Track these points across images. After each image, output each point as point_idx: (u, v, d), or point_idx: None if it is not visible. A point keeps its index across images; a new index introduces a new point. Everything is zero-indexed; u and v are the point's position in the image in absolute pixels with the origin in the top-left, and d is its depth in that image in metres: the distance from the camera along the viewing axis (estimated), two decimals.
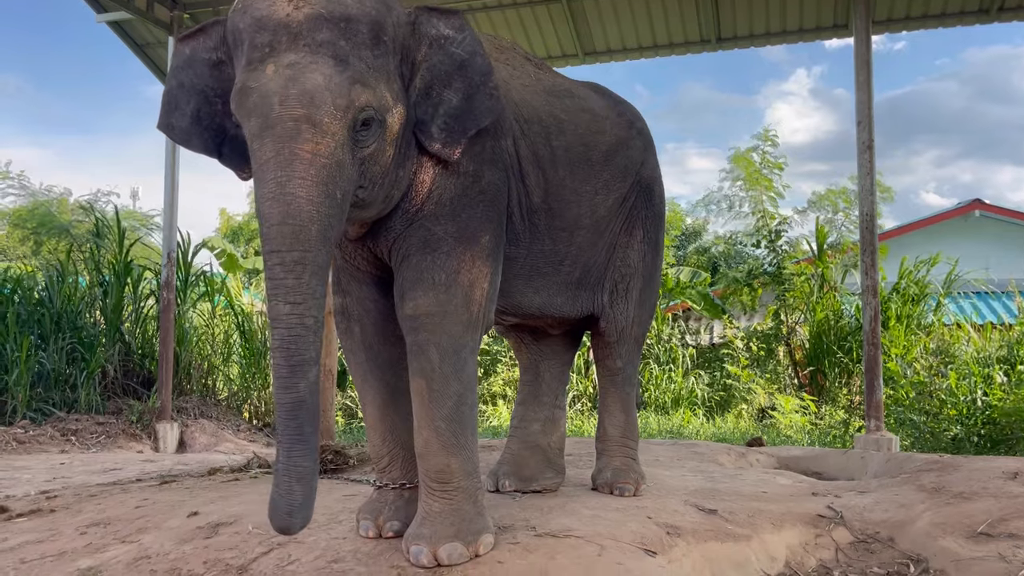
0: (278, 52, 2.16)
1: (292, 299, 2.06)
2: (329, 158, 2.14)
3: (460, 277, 2.51)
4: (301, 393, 2.06)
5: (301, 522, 2.08)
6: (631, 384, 3.47)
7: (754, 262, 11.67)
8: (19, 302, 8.14)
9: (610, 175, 3.21)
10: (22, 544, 2.84)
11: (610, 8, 7.90)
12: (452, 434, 2.47)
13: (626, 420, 3.44)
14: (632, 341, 3.44)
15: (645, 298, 3.46)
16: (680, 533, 2.76)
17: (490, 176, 2.63)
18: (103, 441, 7.17)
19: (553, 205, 2.94)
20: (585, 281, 3.23)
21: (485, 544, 2.45)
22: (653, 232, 3.44)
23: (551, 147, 2.93)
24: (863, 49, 6.39)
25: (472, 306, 2.54)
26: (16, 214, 15.59)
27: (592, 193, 3.11)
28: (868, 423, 6.12)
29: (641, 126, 3.48)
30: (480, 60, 2.52)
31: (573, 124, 3.06)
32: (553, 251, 3.01)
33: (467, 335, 2.53)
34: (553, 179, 2.93)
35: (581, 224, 3.08)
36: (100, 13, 8.16)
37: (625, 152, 3.30)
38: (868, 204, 6.29)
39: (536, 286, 3.02)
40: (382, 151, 2.32)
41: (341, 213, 2.21)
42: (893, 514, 3.09)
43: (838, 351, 9.66)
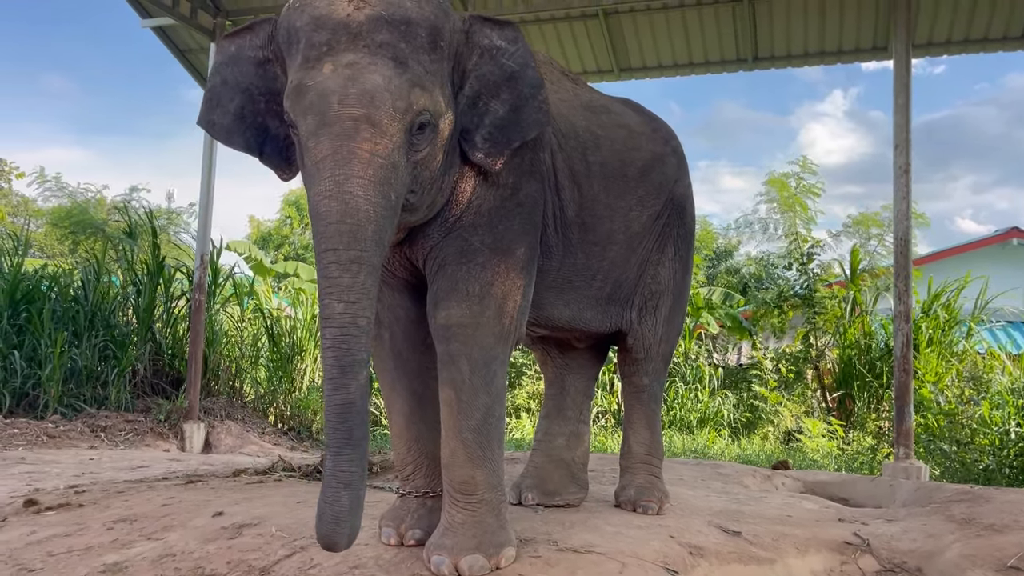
0: (337, 51, 2.15)
1: (347, 298, 2.04)
2: (387, 159, 2.13)
3: (494, 289, 2.51)
4: (352, 395, 2.02)
5: (348, 533, 2.01)
6: (657, 401, 3.44)
7: (785, 284, 11.57)
8: (55, 299, 8.29)
9: (645, 191, 3.20)
10: (50, 537, 2.89)
11: (647, 25, 7.92)
12: (479, 446, 2.47)
13: (651, 437, 3.41)
14: (659, 359, 3.43)
15: (674, 316, 3.45)
16: (703, 554, 2.73)
17: (528, 188, 2.64)
18: (131, 438, 7.25)
19: (587, 219, 2.94)
20: (615, 296, 3.22)
21: (507, 557, 2.45)
22: (684, 250, 3.43)
23: (587, 162, 2.94)
24: (903, 72, 6.33)
25: (504, 318, 2.54)
26: (54, 214, 15.88)
27: (627, 209, 3.11)
28: (897, 450, 6.03)
29: (676, 144, 3.49)
30: (531, 73, 2.52)
31: (609, 140, 3.07)
32: (586, 265, 3.00)
33: (498, 347, 2.53)
34: (588, 194, 2.93)
35: (615, 239, 3.08)
36: (145, 18, 8.33)
37: (660, 169, 3.29)
38: (903, 229, 6.22)
39: (567, 299, 3.01)
40: (433, 156, 2.32)
41: (394, 215, 2.21)
42: (921, 544, 3.03)
43: (868, 375, 9.53)
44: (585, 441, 3.58)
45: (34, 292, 8.22)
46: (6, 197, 21.75)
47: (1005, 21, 7.06)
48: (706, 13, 7.67)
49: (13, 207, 21.48)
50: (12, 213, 21.14)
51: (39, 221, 19.20)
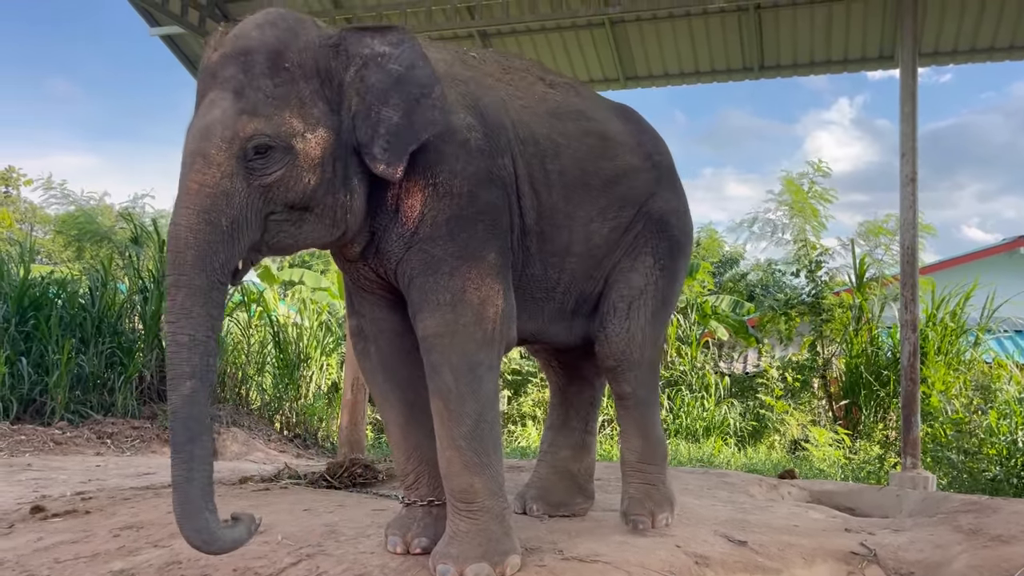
0: (204, 94, 2.38)
1: (170, 318, 2.23)
2: (214, 188, 2.26)
3: (467, 296, 2.52)
4: (175, 404, 2.20)
5: (198, 529, 2.19)
6: (646, 406, 3.24)
7: (792, 291, 11.55)
8: (62, 306, 8.31)
9: (607, 203, 3.08)
10: (57, 544, 2.89)
11: (653, 34, 7.93)
12: (474, 452, 2.48)
13: (643, 444, 3.23)
14: (641, 366, 3.17)
15: (654, 322, 3.21)
16: (709, 563, 2.73)
17: (487, 196, 2.63)
18: (137, 445, 7.26)
19: (545, 229, 2.88)
20: (580, 311, 3.14)
21: (512, 565, 2.46)
22: (666, 260, 3.24)
23: (545, 170, 2.88)
24: (909, 81, 6.32)
25: (485, 323, 2.54)
26: (60, 220, 15.97)
27: (587, 220, 3.01)
28: (904, 460, 6.00)
29: (660, 159, 3.34)
30: (420, 72, 2.50)
31: (572, 148, 2.99)
32: (545, 276, 2.94)
33: (481, 352, 2.53)
34: (547, 202, 2.87)
35: (573, 251, 2.98)
36: (153, 27, 8.37)
37: (629, 182, 3.16)
38: (910, 237, 6.21)
39: (530, 312, 2.93)
40: (295, 177, 2.35)
41: (231, 240, 2.29)
42: (928, 554, 3.02)
43: (875, 384, 9.50)
44: (591, 452, 3.54)
45: (41, 299, 8.25)
46: (13, 203, 21.87)
47: (1012, 30, 7.05)
48: (712, 22, 7.68)
49: (20, 213, 21.60)
50: (19, 219, 21.26)
51: (46, 227, 19.29)
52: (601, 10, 7.39)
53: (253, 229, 2.35)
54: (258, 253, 2.48)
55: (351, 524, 3.08)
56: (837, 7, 7.25)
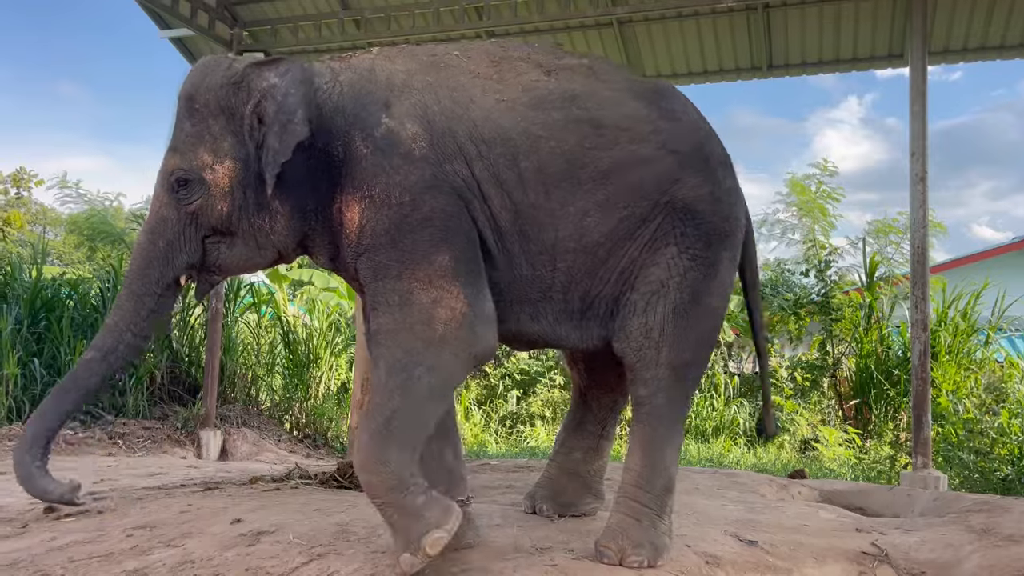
0: None
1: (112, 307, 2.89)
2: (156, 215, 2.79)
3: (415, 296, 2.56)
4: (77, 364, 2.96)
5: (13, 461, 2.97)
6: (660, 420, 2.84)
7: (802, 291, 11.51)
8: (74, 307, 8.37)
9: (610, 195, 2.83)
10: (71, 544, 2.92)
11: (661, 34, 7.93)
12: (373, 449, 2.46)
13: (642, 463, 2.82)
14: (663, 367, 2.83)
15: (684, 319, 2.84)
16: (719, 563, 2.73)
17: (432, 203, 2.62)
18: (148, 446, 7.30)
19: (526, 228, 2.77)
20: (593, 312, 2.91)
21: (431, 543, 2.37)
22: (698, 248, 2.89)
23: (518, 168, 2.75)
24: (919, 80, 6.30)
25: (435, 324, 2.53)
26: (72, 221, 16.04)
27: (579, 215, 2.79)
28: (915, 460, 5.98)
29: (680, 144, 2.96)
30: (290, 99, 2.66)
31: (554, 140, 2.80)
32: (535, 277, 2.81)
33: (428, 353, 2.52)
34: (523, 202, 2.75)
35: (564, 248, 2.80)
36: (164, 29, 8.42)
37: (638, 172, 2.86)
38: (920, 236, 6.18)
39: (531, 313, 2.86)
40: (212, 205, 2.73)
41: (165, 258, 2.78)
42: (940, 554, 3.02)
43: (885, 384, 9.46)
44: (604, 455, 3.48)
45: (54, 300, 8.31)
46: (25, 205, 22.00)
47: (1023, 28, 7.02)
48: (720, 22, 7.67)
49: (32, 215, 21.72)
50: (31, 221, 21.38)
51: (57, 229, 19.40)
52: (609, 10, 7.40)
53: (189, 251, 2.78)
54: (210, 273, 2.89)
55: (362, 524, 3.09)
56: (846, 5, 7.23)
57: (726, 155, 3.11)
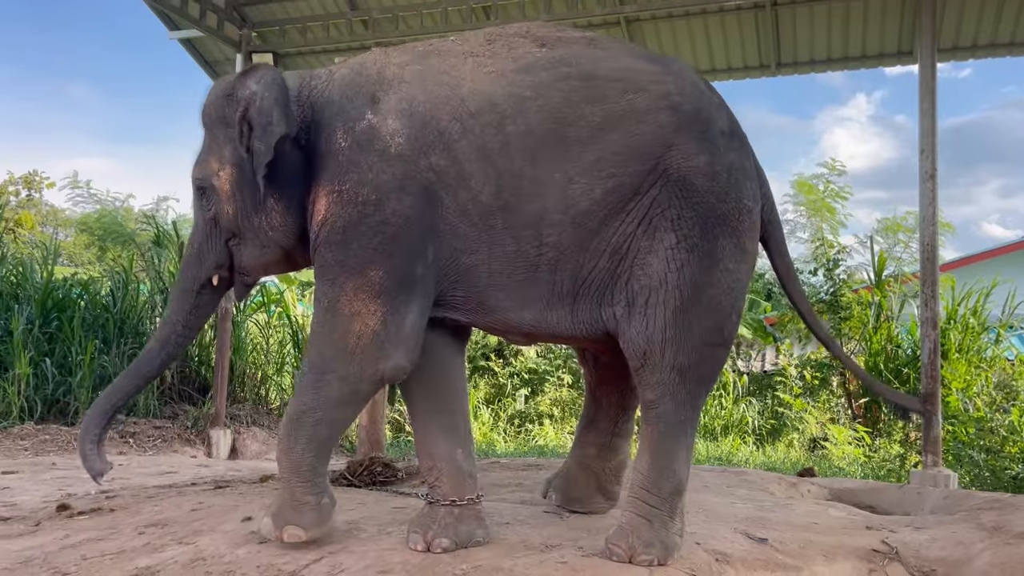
0: None
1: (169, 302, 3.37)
2: (194, 220, 3.09)
3: (340, 306, 2.66)
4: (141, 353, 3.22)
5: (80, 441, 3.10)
6: (668, 423, 2.71)
7: (810, 290, 11.48)
8: (85, 307, 8.41)
9: (598, 157, 2.65)
10: (83, 541, 2.94)
11: (669, 32, 7.93)
12: (286, 436, 2.74)
13: (650, 466, 2.72)
14: (669, 370, 2.68)
15: (687, 317, 2.67)
16: (729, 561, 2.73)
17: (397, 205, 2.64)
18: (159, 444, 7.34)
19: (510, 200, 2.65)
20: (583, 292, 2.74)
21: (289, 534, 2.66)
22: (697, 237, 2.67)
23: (504, 134, 2.65)
24: (928, 77, 6.27)
25: (349, 337, 2.63)
26: (82, 221, 16.11)
27: (565, 182, 2.64)
28: (925, 458, 5.96)
29: (681, 100, 2.72)
30: (265, 103, 2.74)
31: (542, 99, 2.67)
32: (520, 253, 2.68)
33: (339, 362, 2.65)
34: (507, 170, 2.64)
35: (550, 220, 2.65)
36: (173, 30, 8.47)
37: (631, 127, 2.66)
38: (930, 234, 6.16)
39: (520, 299, 2.74)
40: (222, 209, 2.92)
41: (198, 260, 3.02)
42: (950, 552, 3.01)
43: (894, 382, 9.43)
44: (620, 453, 3.37)
45: (65, 300, 8.36)
46: (35, 206, 22.09)
47: None
48: (728, 19, 7.66)
49: (42, 216, 21.81)
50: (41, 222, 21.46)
51: (67, 230, 19.48)
52: (616, 9, 7.40)
53: (216, 253, 2.99)
54: (240, 275, 3.06)
55: (372, 522, 3.10)
56: (854, 3, 7.21)
57: (734, 127, 2.87)
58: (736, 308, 2.80)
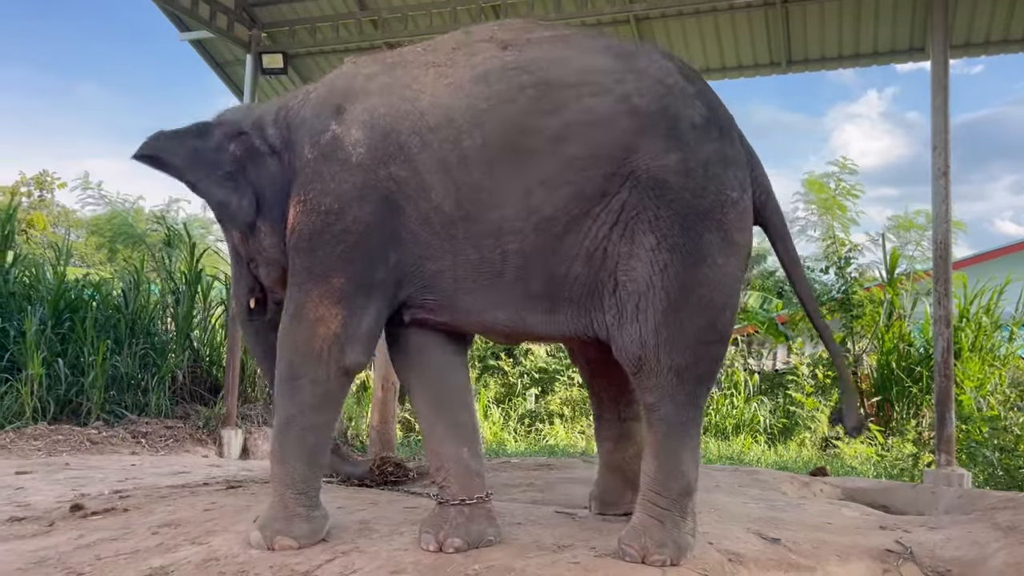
0: None
1: None
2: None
3: (305, 311, 2.77)
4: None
5: None
6: (671, 426, 2.67)
7: (822, 288, 11.42)
8: (97, 307, 8.45)
9: (557, 165, 2.62)
10: (97, 541, 2.95)
11: (679, 30, 7.91)
12: (277, 445, 2.83)
13: (656, 468, 2.68)
14: (666, 372, 2.63)
15: (677, 318, 2.61)
16: (742, 561, 2.72)
17: (358, 213, 2.73)
18: (171, 444, 7.37)
19: (470, 210, 2.66)
20: (561, 297, 2.71)
21: (281, 544, 2.70)
22: (678, 236, 2.61)
23: (461, 148, 2.66)
24: (940, 73, 6.23)
25: (315, 342, 2.75)
26: (93, 222, 16.18)
27: (524, 191, 2.63)
28: (939, 457, 5.93)
29: (641, 101, 2.65)
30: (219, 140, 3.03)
31: (499, 111, 2.66)
32: (482, 260, 2.69)
33: (306, 367, 2.77)
34: (465, 182, 2.66)
35: (511, 228, 2.64)
36: (183, 32, 8.50)
37: (589, 134, 2.62)
38: (942, 232, 6.12)
39: (490, 301, 2.74)
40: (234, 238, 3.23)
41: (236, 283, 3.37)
42: (965, 552, 2.99)
43: (907, 381, 9.38)
44: (636, 438, 3.22)
45: (77, 301, 8.40)
46: (47, 207, 22.21)
47: None
48: (738, 17, 7.63)
49: (54, 217, 21.92)
50: (53, 223, 21.58)
51: (79, 231, 19.57)
52: (626, 7, 7.39)
53: (246, 277, 3.23)
54: (272, 293, 3.22)
55: (384, 521, 3.10)
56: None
57: (711, 116, 2.75)
58: (729, 303, 2.72)
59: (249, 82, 8.18)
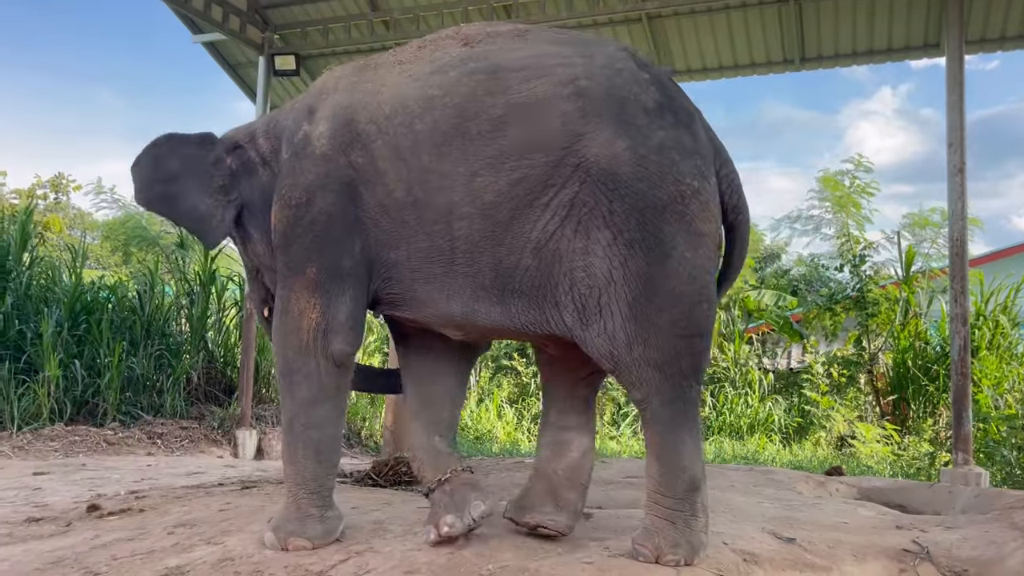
0: None
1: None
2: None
3: (290, 306, 2.86)
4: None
5: None
6: (662, 423, 2.61)
7: (837, 286, 11.35)
8: (112, 309, 8.51)
9: (500, 149, 2.59)
10: (114, 541, 2.97)
11: (691, 28, 7.88)
12: (287, 444, 2.88)
13: (658, 469, 2.63)
14: (643, 366, 2.57)
15: (647, 312, 2.54)
16: (757, 561, 2.71)
17: (322, 203, 2.82)
18: (186, 445, 7.41)
19: (419, 196, 2.68)
20: (511, 288, 2.66)
21: (295, 545, 2.73)
22: (635, 230, 2.52)
23: (414, 133, 2.69)
24: (955, 69, 6.19)
25: (301, 334, 2.83)
26: (108, 226, 16.29)
27: (468, 175, 2.61)
28: (955, 456, 5.88)
29: (588, 84, 2.59)
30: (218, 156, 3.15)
31: (448, 96, 2.68)
32: (434, 247, 2.69)
33: (298, 360, 2.84)
34: (416, 167, 2.68)
35: (459, 213, 2.63)
36: (196, 34, 8.55)
37: (532, 117, 2.58)
38: (959, 229, 6.07)
39: (446, 291, 2.72)
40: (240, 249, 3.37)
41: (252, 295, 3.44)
42: (983, 552, 2.96)
43: (923, 379, 9.31)
44: (573, 450, 2.98)
45: (93, 303, 8.46)
46: (63, 210, 22.39)
47: None
48: (751, 14, 7.60)
49: (70, 219, 22.10)
50: (69, 225, 21.76)
51: (95, 233, 19.71)
52: (638, 5, 7.37)
53: (257, 286, 3.31)
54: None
55: (398, 521, 3.11)
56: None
57: (667, 102, 2.65)
58: (704, 295, 2.61)
59: (261, 84, 8.22)
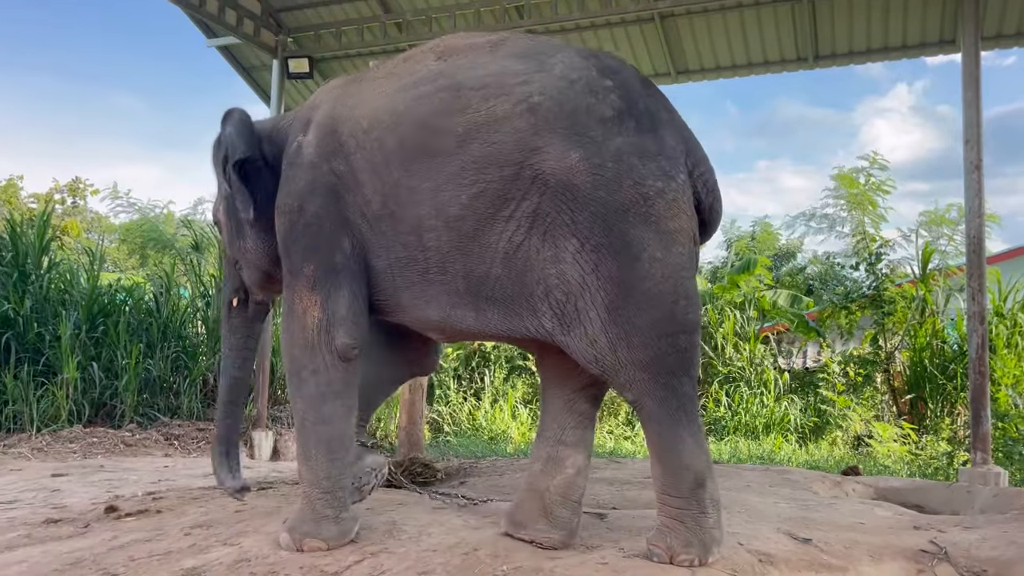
0: None
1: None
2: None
3: (295, 306, 2.94)
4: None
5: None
6: (660, 421, 2.61)
7: (852, 284, 11.28)
8: (130, 312, 8.58)
9: (461, 165, 2.67)
10: (131, 542, 2.99)
11: (704, 27, 7.85)
12: (301, 444, 2.93)
13: (661, 470, 2.65)
14: (630, 367, 2.58)
15: (625, 314, 2.56)
16: (773, 561, 2.70)
17: (312, 207, 2.94)
18: (203, 446, 7.45)
19: (394, 208, 2.79)
20: (485, 296, 2.71)
21: (310, 546, 2.76)
22: (601, 236, 2.56)
23: (385, 149, 2.80)
24: (971, 66, 6.13)
25: (307, 332, 2.90)
26: (125, 229, 16.43)
27: (434, 190, 2.70)
28: (974, 456, 5.83)
29: (541, 100, 2.64)
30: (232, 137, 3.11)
31: (416, 112, 2.77)
32: (409, 258, 2.80)
33: (304, 358, 2.91)
34: (388, 181, 2.79)
35: (428, 225, 2.72)
36: (210, 38, 8.60)
37: (489, 136, 2.65)
38: (976, 226, 6.02)
39: (426, 297, 2.81)
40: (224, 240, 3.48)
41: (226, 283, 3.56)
42: (1002, 552, 2.94)
43: (940, 378, 9.24)
44: (567, 467, 2.94)
45: (110, 306, 8.53)
46: (80, 213, 22.59)
47: None
48: (764, 13, 7.56)
49: (88, 223, 22.29)
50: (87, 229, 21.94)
51: (111, 236, 19.88)
52: (650, 5, 7.34)
53: (232, 277, 3.43)
54: (253, 295, 3.42)
55: (413, 522, 3.12)
56: None
57: (627, 108, 2.68)
58: (682, 292, 2.61)
59: (275, 87, 8.26)
